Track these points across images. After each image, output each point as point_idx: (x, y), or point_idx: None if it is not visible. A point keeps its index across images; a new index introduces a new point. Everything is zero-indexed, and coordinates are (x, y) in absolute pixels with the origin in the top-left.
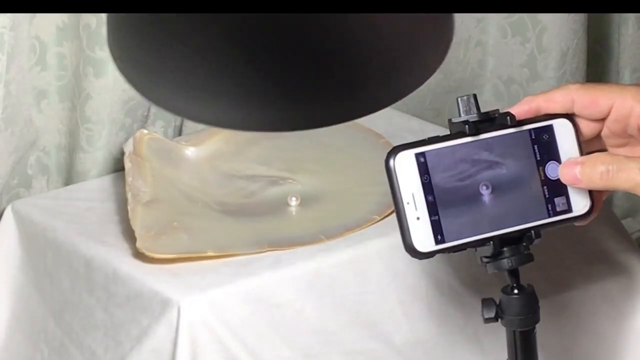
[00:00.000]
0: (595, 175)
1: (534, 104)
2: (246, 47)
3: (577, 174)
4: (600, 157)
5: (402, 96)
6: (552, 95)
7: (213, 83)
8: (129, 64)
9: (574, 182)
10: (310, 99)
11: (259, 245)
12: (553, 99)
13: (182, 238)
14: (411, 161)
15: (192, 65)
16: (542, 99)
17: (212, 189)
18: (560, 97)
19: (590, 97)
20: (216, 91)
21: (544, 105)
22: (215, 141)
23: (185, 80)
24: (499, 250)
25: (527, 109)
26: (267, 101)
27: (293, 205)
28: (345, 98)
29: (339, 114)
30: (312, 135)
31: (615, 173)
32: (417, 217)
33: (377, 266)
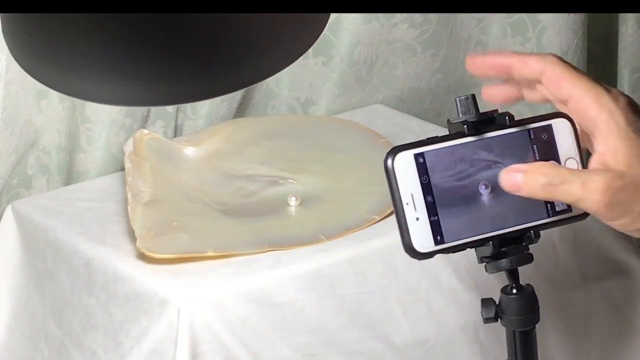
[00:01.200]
0: (536, 187)
1: (509, 60)
2: (127, 33)
3: (518, 182)
4: (543, 168)
5: (260, 78)
6: (528, 59)
7: (98, 64)
8: (22, 52)
9: (514, 189)
10: (177, 78)
11: (259, 245)
12: (527, 63)
13: (182, 238)
14: (410, 162)
15: (80, 49)
16: (518, 59)
17: (212, 189)
18: (534, 63)
19: (558, 76)
20: (102, 72)
21: (516, 65)
22: (215, 141)
23: (75, 63)
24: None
25: (500, 61)
26: (147, 79)
27: (293, 205)
28: (211, 75)
29: (209, 89)
30: (312, 135)
31: (556, 187)
32: (417, 218)
33: (377, 266)
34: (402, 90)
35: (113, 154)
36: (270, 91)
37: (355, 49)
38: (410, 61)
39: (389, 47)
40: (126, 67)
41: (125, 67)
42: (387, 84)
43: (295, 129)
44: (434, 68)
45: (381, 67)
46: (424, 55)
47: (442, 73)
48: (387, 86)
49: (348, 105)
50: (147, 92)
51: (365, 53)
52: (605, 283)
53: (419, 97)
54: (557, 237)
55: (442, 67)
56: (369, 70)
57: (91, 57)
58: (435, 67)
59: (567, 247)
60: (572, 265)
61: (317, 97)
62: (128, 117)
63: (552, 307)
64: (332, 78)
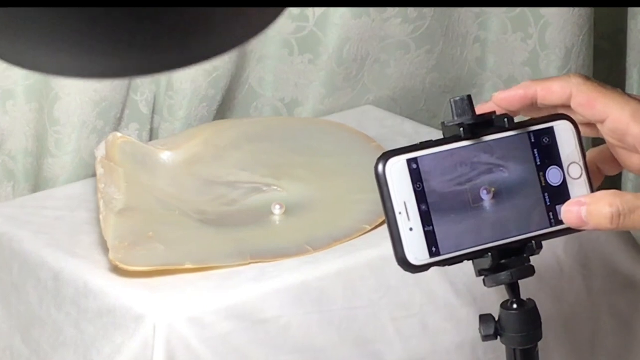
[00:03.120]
0: (604, 219)
1: (532, 91)
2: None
3: (582, 217)
4: (607, 198)
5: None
6: (551, 84)
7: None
8: None
9: (580, 224)
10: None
11: (241, 257)
12: (551, 89)
13: (158, 249)
14: (403, 168)
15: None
16: (541, 87)
17: (190, 197)
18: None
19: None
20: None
21: (541, 94)
22: (194, 145)
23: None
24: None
25: (522, 94)
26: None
27: (277, 214)
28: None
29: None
30: (298, 139)
31: (627, 215)
32: (410, 228)
33: (367, 280)
34: (394, 91)
35: (84, 159)
36: (253, 91)
37: (345, 46)
38: (404, 59)
39: (380, 44)
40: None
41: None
42: (379, 83)
43: (279, 132)
44: (429, 66)
45: (372, 66)
46: (418, 52)
47: (438, 72)
48: (378, 86)
49: (336, 107)
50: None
51: (355, 50)
52: (613, 297)
53: (412, 97)
54: (561, 248)
55: (438, 66)
56: (359, 68)
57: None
58: (431, 66)
59: (571, 258)
60: (578, 278)
61: (303, 97)
62: (100, 120)
63: (556, 323)
64: (320, 77)
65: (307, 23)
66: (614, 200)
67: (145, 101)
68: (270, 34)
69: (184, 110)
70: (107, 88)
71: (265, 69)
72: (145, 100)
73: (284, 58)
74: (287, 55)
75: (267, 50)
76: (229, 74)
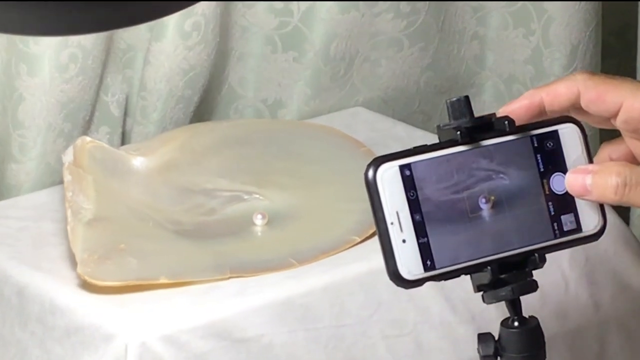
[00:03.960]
0: (609, 189)
1: (537, 99)
2: None
3: (586, 185)
4: (615, 167)
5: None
6: (555, 87)
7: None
8: None
9: (582, 193)
10: None
11: (220, 271)
12: (557, 92)
13: (130, 263)
14: (395, 174)
15: None
16: (545, 92)
17: (165, 206)
18: (565, 89)
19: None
20: None
21: (547, 99)
22: (169, 150)
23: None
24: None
25: (527, 104)
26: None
27: (259, 225)
28: None
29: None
30: (282, 143)
31: (633, 187)
32: (403, 240)
33: (357, 295)
34: (386, 91)
35: (50, 164)
36: (232, 92)
37: (332, 43)
38: (396, 57)
39: (370, 40)
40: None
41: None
42: (369, 83)
43: (261, 136)
44: (424, 65)
45: (361, 64)
46: (411, 50)
47: (433, 71)
48: (368, 86)
49: (323, 108)
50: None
51: (343, 47)
52: (623, 315)
53: (405, 98)
54: (566, 261)
55: (433, 64)
56: (347, 67)
57: None
58: (425, 64)
59: (577, 273)
60: (584, 294)
61: (287, 98)
62: (67, 122)
63: (561, 342)
64: (305, 76)
65: (291, 18)
66: (623, 169)
67: (116, 102)
68: (251, 30)
69: (158, 112)
70: (75, 88)
71: (246, 67)
72: (117, 102)
73: (267, 56)
74: (269, 53)
75: (248, 48)
76: (207, 73)
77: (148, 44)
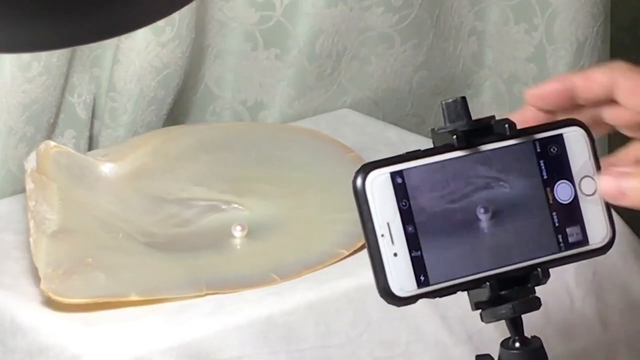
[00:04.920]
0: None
1: (569, 82)
2: None
3: (623, 188)
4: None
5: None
6: (591, 73)
7: None
8: None
9: (617, 197)
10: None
11: (196, 287)
12: (592, 78)
13: (98, 278)
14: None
15: None
16: (579, 77)
17: (136, 216)
18: (602, 77)
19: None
20: None
21: (580, 85)
22: (140, 155)
23: None
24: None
25: (559, 88)
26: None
27: (238, 237)
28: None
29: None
30: (263, 148)
31: None
32: (395, 253)
33: (344, 314)
34: (376, 92)
35: (11, 171)
36: (209, 92)
37: (317, 39)
38: (387, 54)
39: (359, 36)
40: None
41: None
42: (358, 83)
43: (241, 140)
44: (417, 63)
45: (350, 62)
46: (403, 47)
47: (427, 69)
48: (357, 86)
49: (308, 110)
50: (30, 32)
51: (329, 44)
52: (633, 334)
53: (397, 99)
54: (572, 276)
55: (427, 62)
56: (334, 65)
57: None
58: (419, 62)
59: (584, 289)
60: (591, 312)
61: (268, 99)
62: (30, 126)
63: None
64: (288, 76)
65: (274, 12)
66: None
67: (83, 104)
68: (230, 25)
69: (128, 115)
70: (38, 89)
71: (224, 66)
72: (83, 103)
73: (246, 53)
74: (249, 50)
75: (227, 44)
76: (181, 72)
77: (117, 41)
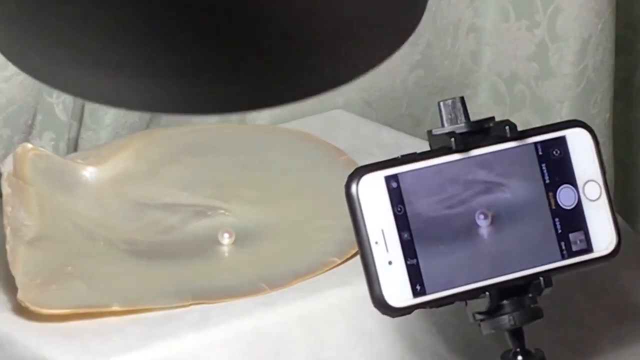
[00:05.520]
0: None
1: None
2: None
3: None
4: None
5: (358, 74)
6: None
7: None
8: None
9: None
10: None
11: (181, 297)
12: None
13: (78, 288)
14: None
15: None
16: None
17: (118, 223)
18: None
19: None
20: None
21: None
22: (123, 159)
23: (90, 53)
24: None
25: None
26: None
27: (225, 244)
28: (285, 75)
29: (280, 94)
30: (251, 151)
31: None
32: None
33: (336, 325)
34: (369, 91)
35: None
36: None
37: None
38: None
39: None
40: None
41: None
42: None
43: (228, 143)
44: (413, 62)
45: None
46: None
47: (423, 68)
48: (349, 86)
49: (298, 111)
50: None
51: None
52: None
53: (392, 100)
54: (577, 286)
55: (424, 61)
56: None
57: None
58: (414, 61)
59: (589, 298)
60: (595, 324)
61: None
62: (6, 127)
63: None
64: None
65: None
66: None
67: (62, 104)
68: None
69: (110, 116)
70: (15, 89)
71: None
72: (63, 104)
73: None
74: None
75: None
76: None
77: None
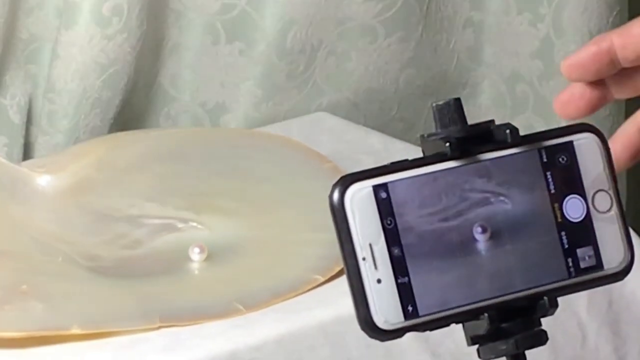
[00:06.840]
0: None
1: (605, 44)
2: None
3: None
4: None
5: None
6: (628, 29)
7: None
8: None
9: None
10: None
11: (148, 319)
12: (630, 33)
13: (34, 308)
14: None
15: None
16: (616, 35)
17: (78, 237)
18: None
19: None
20: None
21: (618, 43)
22: (83, 166)
23: None
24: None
25: (595, 51)
26: None
27: (197, 260)
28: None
29: None
30: (225, 158)
31: None
32: (378, 280)
33: (320, 349)
34: (356, 92)
35: None
36: (163, 93)
37: (288, 32)
38: (369, 50)
39: (337, 29)
40: None
41: None
42: (335, 82)
43: (200, 149)
44: (404, 60)
45: (326, 59)
46: (388, 41)
47: (416, 67)
48: (334, 86)
49: (277, 114)
50: None
51: (302, 37)
52: None
53: (381, 102)
54: (584, 306)
55: (416, 59)
56: (308, 62)
57: None
58: (406, 59)
59: (598, 321)
60: (606, 348)
61: (232, 101)
62: None
63: None
64: (255, 74)
65: (237, 0)
66: None
67: (16, 106)
68: (188, 16)
69: (69, 119)
70: None
71: (180, 62)
72: (17, 105)
73: (207, 48)
74: (210, 45)
75: (184, 38)
76: (130, 70)
77: (57, 33)
